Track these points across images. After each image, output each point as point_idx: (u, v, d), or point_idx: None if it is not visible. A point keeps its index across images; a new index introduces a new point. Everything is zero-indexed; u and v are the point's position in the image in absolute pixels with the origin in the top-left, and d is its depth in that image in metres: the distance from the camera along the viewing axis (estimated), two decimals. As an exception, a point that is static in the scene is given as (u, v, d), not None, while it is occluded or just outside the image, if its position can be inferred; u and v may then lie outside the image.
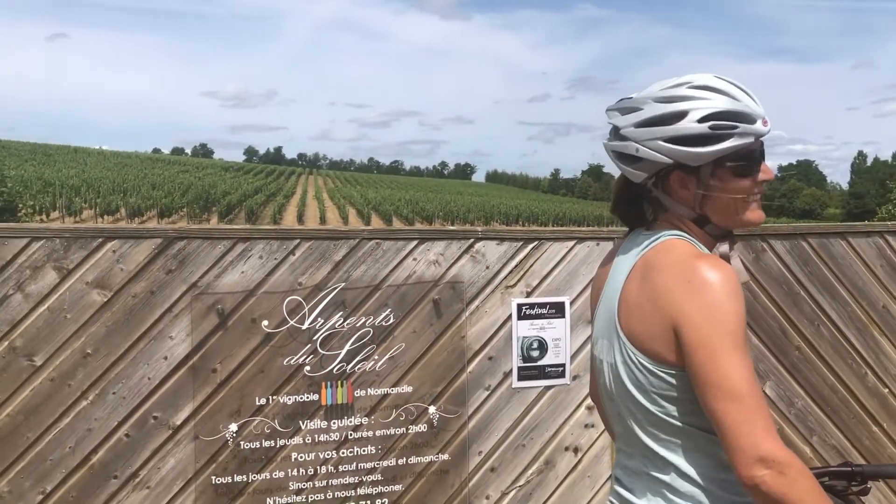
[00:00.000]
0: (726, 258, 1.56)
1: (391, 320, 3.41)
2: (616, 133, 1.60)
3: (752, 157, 1.52)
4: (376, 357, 3.39)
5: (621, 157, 1.59)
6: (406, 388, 3.44)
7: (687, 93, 1.51)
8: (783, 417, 3.85)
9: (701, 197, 1.54)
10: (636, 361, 1.50)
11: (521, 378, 3.59)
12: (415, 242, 3.45)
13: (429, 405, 3.47)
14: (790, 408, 3.86)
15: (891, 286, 4.01)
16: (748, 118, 1.49)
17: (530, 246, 3.62)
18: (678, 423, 1.48)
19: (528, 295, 3.60)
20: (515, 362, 3.58)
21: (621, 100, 1.62)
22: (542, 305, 3.61)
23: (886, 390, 3.99)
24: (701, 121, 1.48)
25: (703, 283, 1.39)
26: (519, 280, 3.60)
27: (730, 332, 1.36)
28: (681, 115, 1.49)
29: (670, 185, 1.56)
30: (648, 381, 1.49)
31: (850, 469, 1.78)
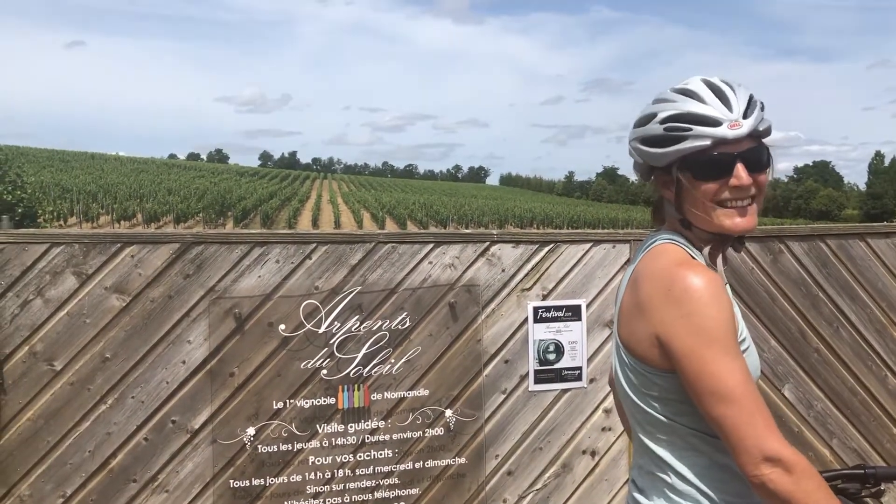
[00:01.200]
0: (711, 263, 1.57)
1: (407, 324, 3.41)
2: None
3: (714, 160, 1.48)
4: (393, 361, 3.40)
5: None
6: (422, 392, 3.44)
7: (667, 95, 1.54)
8: (802, 420, 3.82)
9: (681, 200, 1.54)
10: (629, 364, 1.54)
11: (537, 381, 3.58)
12: (430, 246, 3.46)
13: (445, 409, 3.47)
14: (809, 410, 3.83)
15: (911, 287, 3.98)
16: (707, 121, 1.46)
17: (546, 248, 3.61)
18: (671, 423, 1.50)
19: (545, 298, 3.60)
20: (532, 365, 3.57)
21: None
22: (558, 308, 3.60)
23: (907, 393, 3.95)
24: (661, 122, 1.50)
25: (682, 291, 1.40)
26: (535, 283, 3.59)
27: (715, 339, 1.37)
28: (652, 117, 1.53)
29: (658, 186, 1.60)
30: (640, 383, 1.52)
31: (863, 471, 1.77)
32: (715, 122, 1.46)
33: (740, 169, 1.47)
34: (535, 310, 3.57)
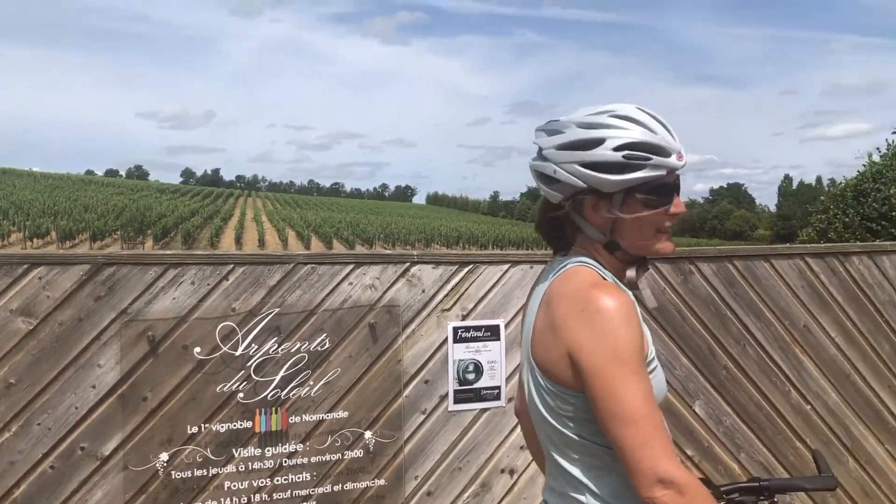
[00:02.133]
0: (633, 285, 1.62)
1: (327, 345, 3.39)
2: (539, 153, 1.65)
3: (663, 189, 1.55)
4: (311, 383, 3.37)
5: (541, 176, 1.64)
6: (342, 414, 3.42)
7: (607, 121, 1.56)
8: (712, 435, 3.96)
9: (612, 223, 1.58)
10: (544, 386, 1.56)
11: (457, 401, 3.61)
12: (351, 267, 3.46)
13: (365, 430, 3.45)
14: (719, 426, 3.97)
15: (811, 307, 4.18)
16: (662, 151, 1.53)
17: (465, 269, 3.65)
18: (586, 443, 1.53)
19: (464, 318, 3.64)
20: (451, 385, 3.60)
21: (549, 121, 1.66)
22: (477, 328, 3.64)
23: (809, 407, 4.14)
24: (616, 149, 1.52)
25: (595, 311, 1.44)
26: (454, 303, 3.62)
27: (623, 359, 1.41)
28: (598, 142, 1.54)
29: (584, 208, 1.60)
30: (556, 404, 1.55)
31: (757, 484, 1.85)
32: (668, 153, 1.53)
33: (677, 197, 1.57)
34: (455, 330, 3.61)
